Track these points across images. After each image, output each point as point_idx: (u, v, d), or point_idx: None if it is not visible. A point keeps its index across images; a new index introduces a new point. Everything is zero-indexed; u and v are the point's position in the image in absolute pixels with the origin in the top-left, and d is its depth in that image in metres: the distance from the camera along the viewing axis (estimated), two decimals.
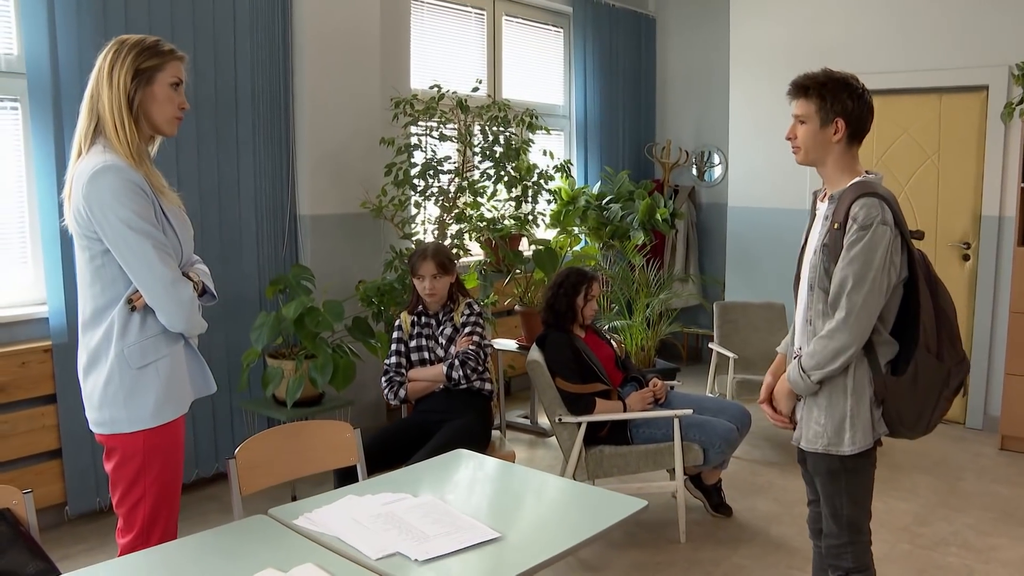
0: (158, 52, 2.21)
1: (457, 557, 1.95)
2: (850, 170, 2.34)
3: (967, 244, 5.31)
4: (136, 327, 2.20)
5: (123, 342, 2.19)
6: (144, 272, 2.16)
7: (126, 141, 2.16)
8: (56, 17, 3.60)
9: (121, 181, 2.12)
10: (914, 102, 5.36)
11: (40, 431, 3.71)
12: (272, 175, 4.52)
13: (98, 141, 2.18)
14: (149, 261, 2.15)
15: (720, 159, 7.03)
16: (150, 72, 2.19)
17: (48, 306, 3.70)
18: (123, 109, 2.16)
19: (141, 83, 2.18)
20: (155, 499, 2.26)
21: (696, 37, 7.09)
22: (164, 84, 2.22)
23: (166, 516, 2.29)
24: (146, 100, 2.19)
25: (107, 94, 2.16)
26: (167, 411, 2.24)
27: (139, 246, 2.14)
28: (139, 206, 2.14)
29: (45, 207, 3.65)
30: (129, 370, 2.19)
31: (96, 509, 3.89)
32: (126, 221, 2.11)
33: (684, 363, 7.02)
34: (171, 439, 2.28)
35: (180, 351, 2.29)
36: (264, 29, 4.40)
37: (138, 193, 2.14)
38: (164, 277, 2.17)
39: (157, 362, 2.22)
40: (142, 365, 2.20)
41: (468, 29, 5.95)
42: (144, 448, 2.22)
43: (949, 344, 2.31)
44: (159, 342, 2.23)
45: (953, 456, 4.87)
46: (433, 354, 3.72)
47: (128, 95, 2.16)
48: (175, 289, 2.19)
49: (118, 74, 2.16)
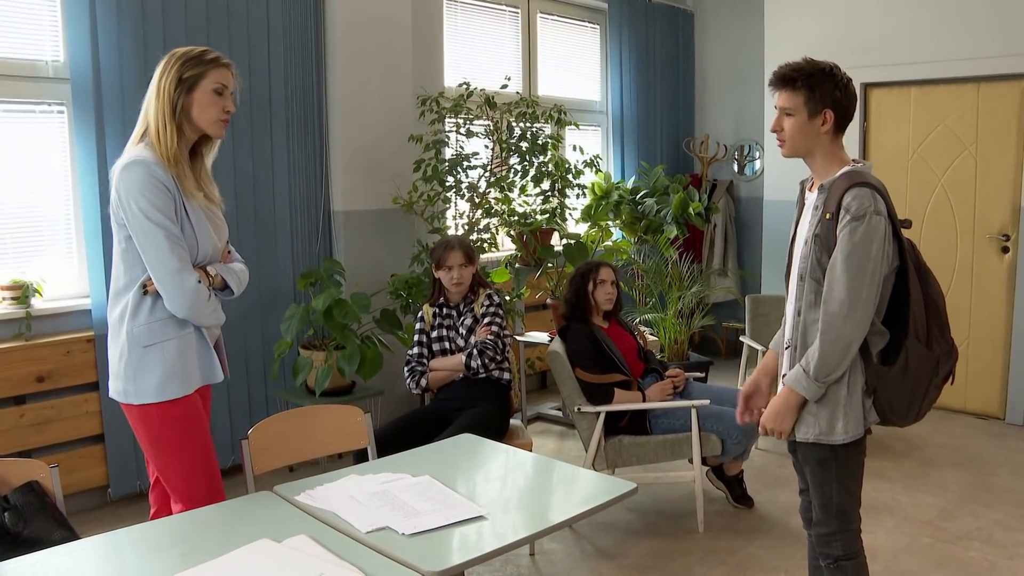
0: (201, 61, 2.41)
1: (442, 532, 2.04)
2: (838, 159, 2.35)
3: (1006, 236, 5.20)
4: (146, 310, 2.39)
5: (133, 322, 2.39)
6: (154, 258, 2.34)
7: (165, 144, 2.37)
8: (98, 25, 3.80)
9: (146, 175, 2.32)
10: (951, 92, 5.28)
11: (83, 417, 3.92)
12: (306, 172, 4.68)
13: (143, 141, 2.40)
14: (159, 249, 2.33)
15: (760, 153, 6.99)
16: (192, 80, 2.39)
17: (91, 298, 3.91)
18: (166, 115, 2.37)
19: (183, 90, 2.38)
20: (185, 469, 2.44)
21: (734, 31, 7.06)
22: (207, 90, 2.40)
23: (204, 486, 2.45)
24: (188, 106, 2.39)
25: (154, 103, 2.39)
26: (171, 389, 2.40)
27: (152, 234, 2.32)
28: (159, 200, 2.33)
29: (88, 205, 3.85)
30: (137, 348, 2.38)
31: (137, 492, 4.08)
32: (144, 211, 2.31)
33: (723, 357, 7.00)
34: (184, 412, 2.44)
35: (190, 338, 2.45)
36: (297, 30, 4.55)
37: (160, 188, 2.33)
38: (170, 265, 2.34)
39: (163, 343, 2.39)
40: (148, 344, 2.38)
41: (502, 27, 6.04)
42: (157, 420, 2.41)
43: (939, 333, 2.31)
44: (166, 326, 2.40)
45: (989, 451, 4.78)
46: (454, 344, 3.81)
47: (172, 102, 2.37)
48: (179, 277, 2.35)
49: (164, 83, 2.38)
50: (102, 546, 2.05)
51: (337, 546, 1.96)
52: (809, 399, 2.32)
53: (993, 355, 5.28)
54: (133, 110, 3.86)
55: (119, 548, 2.04)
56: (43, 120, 3.92)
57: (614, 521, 3.93)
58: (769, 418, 2.40)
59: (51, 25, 3.88)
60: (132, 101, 3.90)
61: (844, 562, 2.44)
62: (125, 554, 2.02)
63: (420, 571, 1.84)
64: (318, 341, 4.39)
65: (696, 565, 3.51)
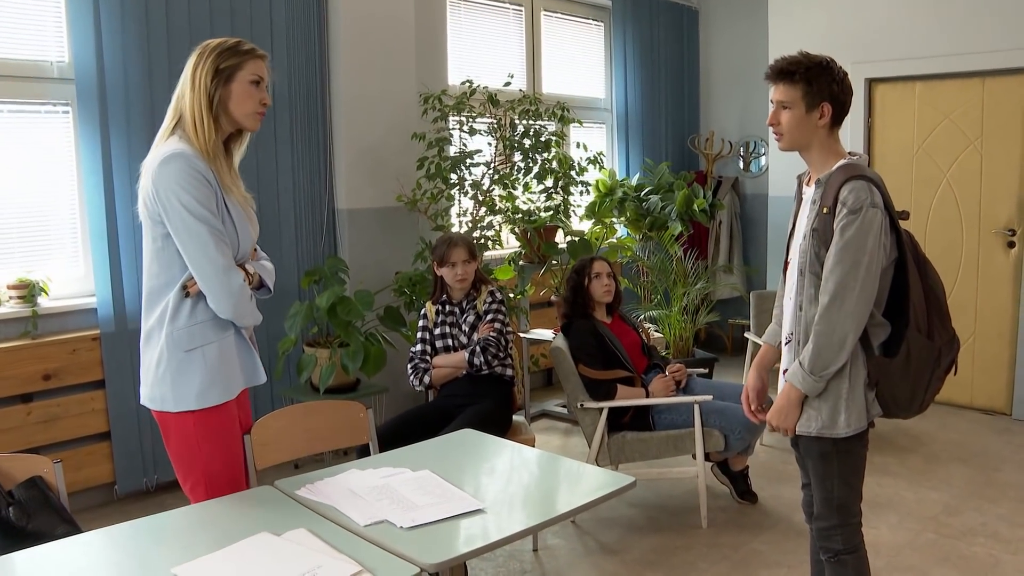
0: (237, 52, 2.34)
1: (440, 525, 2.05)
2: (835, 153, 2.35)
3: (1012, 231, 5.18)
4: (187, 312, 2.29)
5: (173, 325, 2.28)
6: (198, 256, 2.24)
7: (204, 137, 2.28)
8: (102, 26, 3.83)
9: (187, 168, 2.23)
10: (956, 87, 5.26)
11: (90, 414, 3.95)
12: (310, 170, 4.70)
13: (175, 134, 2.30)
14: (204, 246, 2.24)
15: (766, 149, 6.98)
16: (229, 71, 2.31)
17: (96, 297, 3.94)
18: (203, 107, 2.29)
19: (220, 82, 2.30)
20: (213, 479, 2.35)
21: (739, 27, 7.06)
22: (244, 82, 2.33)
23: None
24: (225, 97, 2.31)
25: (189, 94, 2.29)
26: (212, 395, 2.32)
27: (197, 231, 2.23)
28: (201, 193, 2.23)
29: (93, 204, 3.88)
30: (177, 352, 2.28)
31: (143, 489, 4.12)
32: (187, 206, 2.22)
33: (728, 354, 7.00)
34: (221, 421, 2.37)
35: (231, 340, 2.37)
36: (301, 29, 4.57)
37: (202, 181, 2.24)
38: (216, 263, 2.25)
39: (204, 347, 2.30)
40: (189, 349, 2.29)
41: (507, 25, 6.05)
42: (195, 429, 2.32)
43: (939, 323, 2.30)
44: (207, 328, 2.31)
45: (994, 447, 4.77)
46: (456, 341, 3.82)
47: (209, 94, 2.29)
48: (226, 276, 2.27)
49: (199, 75, 2.29)
50: (105, 539, 2.07)
51: (336, 539, 1.97)
52: (809, 395, 2.33)
53: (999, 350, 5.26)
54: (137, 110, 3.95)
55: (122, 541, 2.06)
56: (48, 120, 3.95)
57: (617, 517, 3.94)
58: (774, 415, 2.41)
59: (55, 26, 3.91)
60: (136, 101, 3.95)
61: (845, 556, 2.44)
62: (128, 547, 2.03)
63: (418, 563, 1.85)
64: (322, 338, 4.41)
65: (699, 560, 3.51)
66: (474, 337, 3.78)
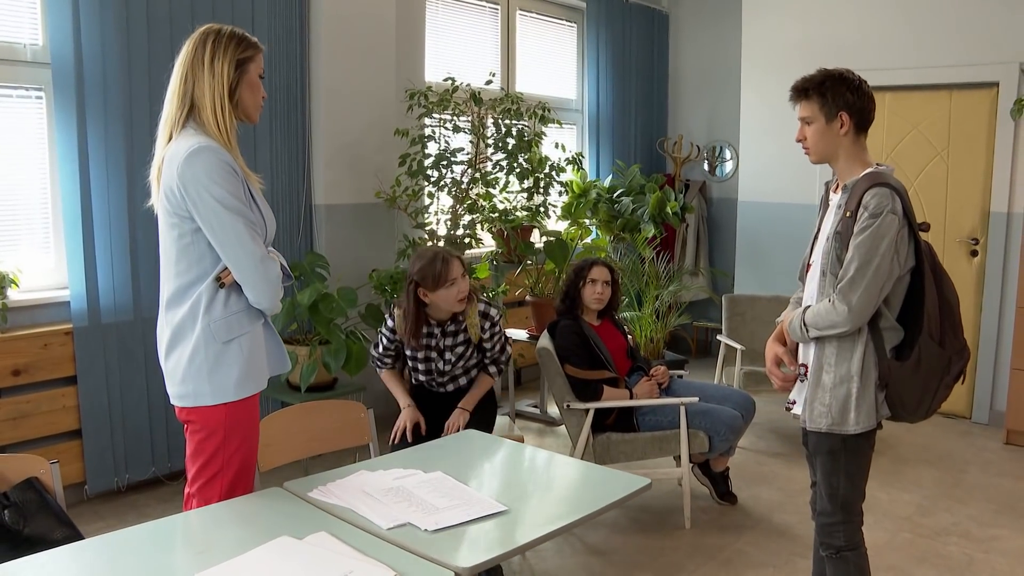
0: (251, 44, 2.29)
1: (465, 528, 2.02)
2: (861, 161, 2.43)
3: (975, 240, 5.34)
4: (221, 303, 2.25)
5: (209, 316, 2.24)
6: (236, 249, 2.21)
7: (225, 127, 2.23)
8: (80, 10, 3.69)
9: (216, 161, 2.18)
10: (924, 98, 5.40)
11: (61, 411, 3.81)
12: (288, 165, 4.61)
13: (189, 125, 2.24)
14: (241, 238, 2.20)
15: (731, 155, 7.07)
16: (245, 62, 2.27)
17: (70, 290, 3.80)
18: (224, 97, 2.23)
19: (241, 72, 2.26)
20: (234, 473, 2.31)
21: (709, 33, 7.14)
22: (254, 74, 2.30)
23: (243, 490, 2.33)
24: (242, 88, 2.27)
25: (208, 82, 2.23)
26: (248, 386, 2.29)
27: (232, 224, 2.19)
28: (232, 186, 2.20)
29: (68, 193, 3.74)
30: (215, 343, 2.24)
31: (114, 488, 3.99)
32: (220, 200, 2.17)
33: (693, 356, 7.07)
34: (250, 414, 2.33)
35: (260, 329, 2.34)
36: (282, 23, 4.48)
37: (231, 173, 2.20)
38: (255, 254, 2.22)
39: (240, 338, 2.27)
40: (227, 339, 2.25)
41: (483, 23, 6.02)
42: (226, 422, 2.27)
43: (951, 332, 2.38)
44: (243, 318, 2.28)
45: (958, 450, 4.91)
46: (435, 366, 3.47)
47: (230, 84, 2.24)
48: (264, 266, 2.24)
49: (220, 63, 2.23)
50: (113, 544, 1.98)
51: (360, 543, 1.93)
52: (793, 339, 2.48)
53: None
54: (116, 97, 3.83)
55: (134, 546, 1.97)
56: (20, 105, 3.79)
57: (601, 518, 3.93)
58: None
59: (29, 7, 3.75)
60: (115, 87, 3.83)
61: (847, 552, 2.50)
62: (138, 553, 1.95)
63: (450, 567, 1.82)
64: (301, 336, 4.33)
65: (685, 561, 3.54)
66: (460, 364, 3.48)
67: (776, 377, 2.55)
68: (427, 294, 3.32)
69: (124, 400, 3.96)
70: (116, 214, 3.87)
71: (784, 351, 2.55)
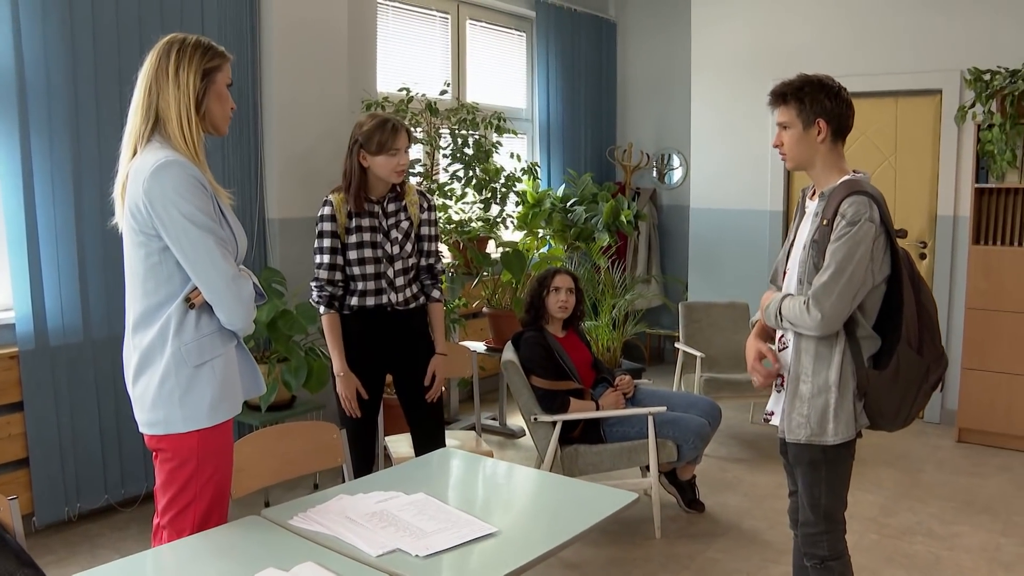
0: (217, 53, 2.20)
1: (457, 552, 1.96)
2: (838, 168, 2.42)
3: (924, 243, 5.47)
4: (192, 325, 2.15)
5: (179, 340, 2.13)
6: (207, 268, 2.11)
7: (192, 141, 2.14)
8: (20, 20, 3.53)
9: (184, 175, 2.08)
10: (871, 105, 5.51)
11: (6, 440, 3.62)
12: (240, 178, 4.48)
13: (154, 139, 2.14)
14: (212, 257, 2.10)
15: (680, 162, 7.13)
16: (212, 72, 2.18)
17: (15, 311, 3.62)
18: (191, 108, 2.13)
19: (207, 83, 2.16)
20: (208, 503, 2.19)
21: (656, 41, 7.19)
22: (222, 84, 2.21)
23: (216, 520, 2.22)
24: (209, 99, 2.18)
25: (173, 93, 2.13)
26: (222, 410, 2.19)
27: (202, 242, 2.09)
28: (201, 201, 2.10)
29: (11, 210, 3.57)
30: (186, 368, 2.14)
31: (65, 519, 3.81)
32: (189, 216, 2.07)
33: (648, 364, 7.10)
34: (224, 440, 2.23)
35: (233, 351, 2.25)
36: (232, 33, 4.35)
37: (200, 188, 2.10)
38: (226, 273, 2.12)
39: (213, 361, 2.17)
40: (199, 363, 2.15)
41: (433, 32, 5.96)
42: (199, 449, 2.16)
43: (929, 340, 2.38)
44: (215, 340, 2.18)
45: (914, 449, 5.00)
46: (383, 252, 3.23)
47: (197, 95, 2.14)
48: (236, 285, 2.14)
49: (185, 74, 2.13)
50: None
51: (350, 572, 1.86)
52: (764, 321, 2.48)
53: None
54: (61, 110, 3.68)
55: None
56: None
57: None
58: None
59: None
60: (59, 100, 3.67)
61: (831, 562, 2.50)
62: None
63: None
64: (258, 354, 4.20)
65: (659, 571, 3.52)
66: (408, 248, 3.27)
67: (759, 374, 2.52)
68: (367, 157, 3.16)
69: (74, 425, 3.79)
70: (63, 230, 3.70)
71: (767, 348, 2.55)
